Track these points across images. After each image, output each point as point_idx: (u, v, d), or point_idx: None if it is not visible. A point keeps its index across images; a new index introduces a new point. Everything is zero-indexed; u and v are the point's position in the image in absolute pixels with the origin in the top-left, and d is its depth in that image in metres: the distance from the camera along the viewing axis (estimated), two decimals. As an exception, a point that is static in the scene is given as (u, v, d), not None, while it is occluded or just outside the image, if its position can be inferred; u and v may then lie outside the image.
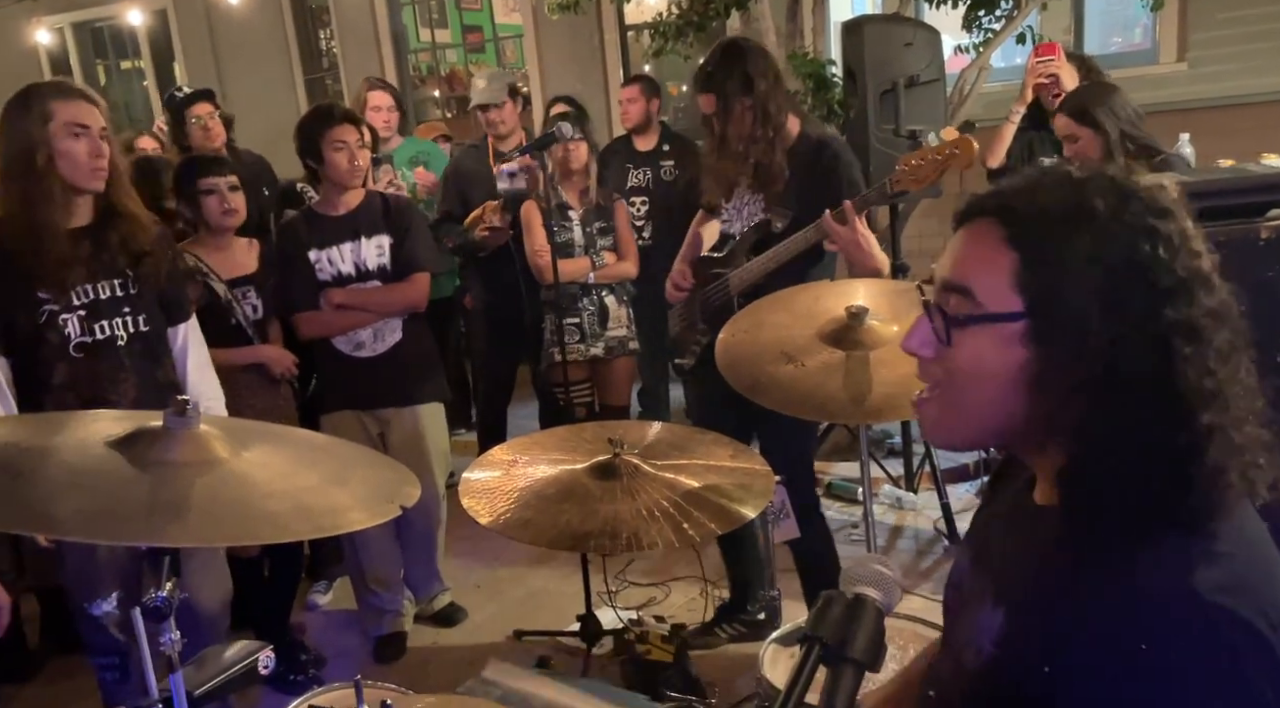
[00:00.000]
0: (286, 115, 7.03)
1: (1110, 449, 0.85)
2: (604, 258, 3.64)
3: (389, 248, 3.02)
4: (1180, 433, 0.84)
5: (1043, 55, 3.39)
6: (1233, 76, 5.04)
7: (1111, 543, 0.84)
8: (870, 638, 0.91)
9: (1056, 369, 0.86)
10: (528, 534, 1.92)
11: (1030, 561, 0.93)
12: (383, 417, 3.08)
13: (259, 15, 7.35)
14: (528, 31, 6.76)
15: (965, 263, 0.92)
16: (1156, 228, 0.85)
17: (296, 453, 1.49)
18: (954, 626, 1.04)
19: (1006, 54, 5.49)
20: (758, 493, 1.99)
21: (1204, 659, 0.78)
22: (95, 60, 8.52)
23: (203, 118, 3.85)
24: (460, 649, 3.16)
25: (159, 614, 1.29)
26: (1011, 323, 0.87)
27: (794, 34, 4.59)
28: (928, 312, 0.95)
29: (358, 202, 3.03)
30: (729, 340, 2.25)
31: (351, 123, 2.96)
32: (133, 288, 2.29)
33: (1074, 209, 0.87)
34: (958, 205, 0.97)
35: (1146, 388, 0.84)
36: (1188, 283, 0.85)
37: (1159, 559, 0.82)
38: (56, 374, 2.22)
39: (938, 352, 0.93)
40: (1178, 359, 0.83)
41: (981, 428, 0.93)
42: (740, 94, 2.51)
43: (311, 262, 2.98)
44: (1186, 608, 0.79)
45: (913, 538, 3.68)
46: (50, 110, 2.14)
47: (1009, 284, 0.88)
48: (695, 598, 3.27)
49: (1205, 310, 0.85)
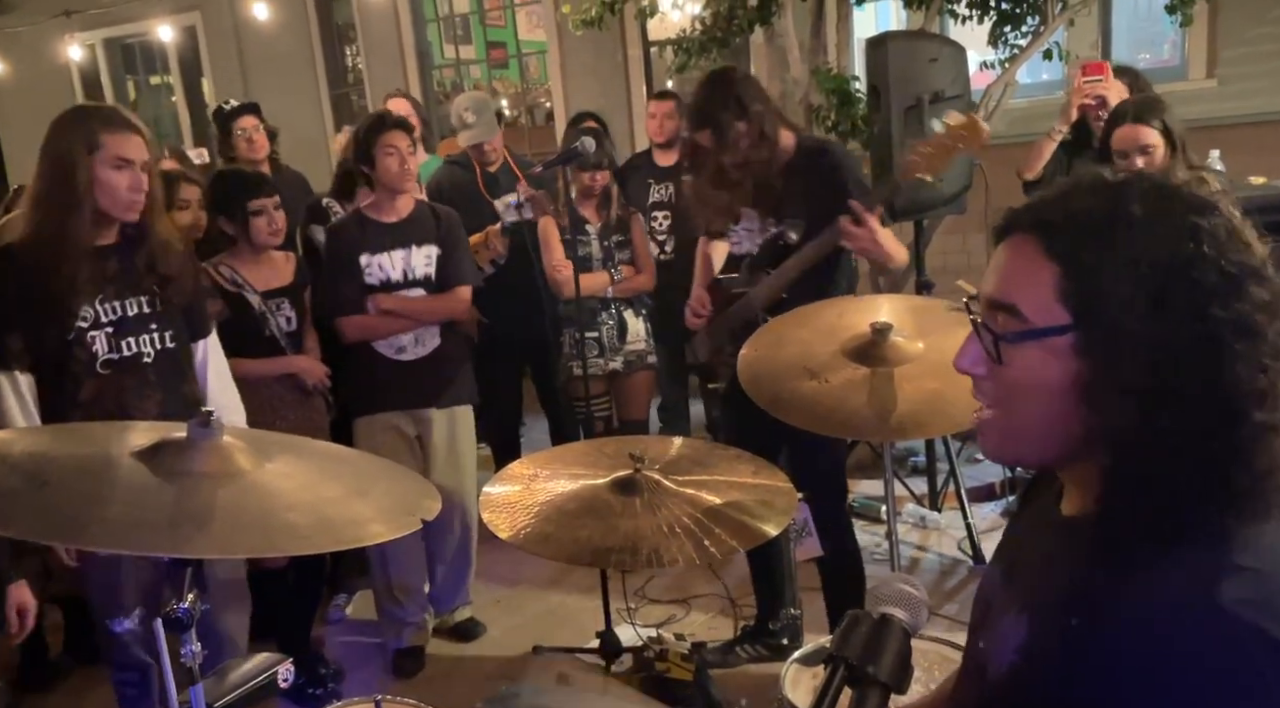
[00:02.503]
0: (312, 131, 7.16)
1: (1155, 455, 0.83)
2: (621, 272, 3.65)
3: (436, 258, 3.08)
4: (1230, 434, 0.82)
5: (1091, 75, 3.30)
6: (1263, 93, 4.99)
7: (1140, 552, 0.83)
8: (896, 659, 0.90)
9: (1108, 378, 0.84)
10: (548, 549, 1.90)
11: (1056, 571, 0.92)
12: (422, 417, 3.10)
13: (286, 32, 7.44)
14: (551, 47, 6.80)
15: (1008, 279, 0.91)
16: (1198, 225, 0.83)
17: (319, 465, 1.49)
18: (980, 638, 1.03)
19: (1033, 70, 5.47)
20: (780, 510, 1.97)
21: (1225, 674, 0.77)
22: (125, 76, 8.66)
23: (248, 130, 3.91)
24: (479, 664, 3.15)
25: (180, 625, 1.29)
26: (1060, 336, 0.86)
27: (818, 50, 4.59)
28: (976, 330, 0.93)
29: (409, 210, 3.09)
30: (751, 357, 2.24)
31: (403, 129, 3.04)
32: (159, 305, 2.32)
33: (1110, 214, 0.85)
34: (995, 221, 0.96)
35: (1197, 390, 0.82)
36: (1236, 278, 0.83)
37: (1185, 571, 0.81)
38: (84, 391, 2.23)
39: (990, 370, 0.93)
40: (1228, 357, 0.81)
41: (1043, 443, 0.92)
42: (735, 120, 2.55)
43: (361, 265, 3.01)
44: (1209, 621, 0.78)
45: (937, 558, 3.64)
46: (99, 140, 2.16)
47: (1053, 297, 0.87)
48: (716, 615, 3.24)
49: (1257, 304, 0.83)
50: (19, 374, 2.21)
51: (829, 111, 4.38)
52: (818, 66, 4.46)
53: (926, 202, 3.53)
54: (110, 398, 2.24)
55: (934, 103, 3.40)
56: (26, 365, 2.21)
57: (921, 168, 2.37)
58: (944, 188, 3.48)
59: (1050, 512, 0.99)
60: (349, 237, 3.06)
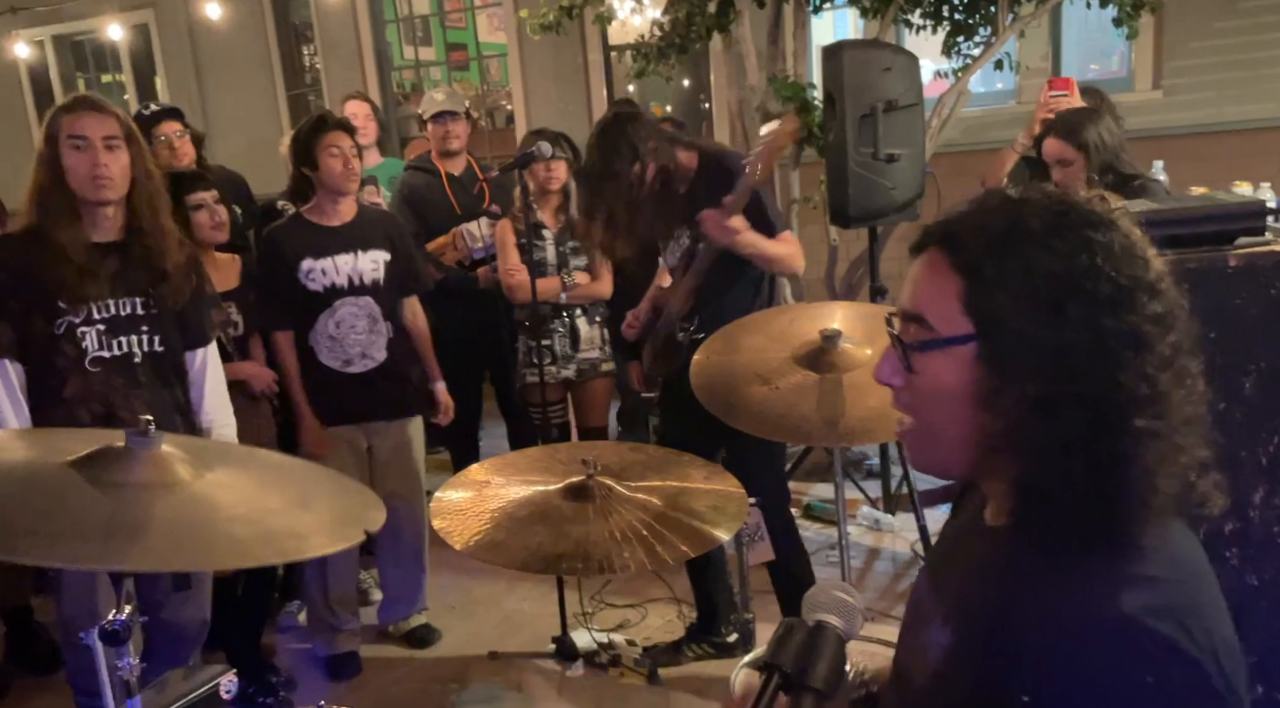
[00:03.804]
0: (268, 131, 7.06)
1: (1051, 463, 0.86)
2: (575, 278, 3.61)
3: (384, 264, 3.04)
4: (1116, 440, 0.85)
5: (1056, 89, 3.36)
6: (1206, 105, 5.12)
7: (1048, 562, 0.86)
8: (830, 666, 0.91)
9: (1005, 384, 0.88)
10: (499, 557, 1.90)
11: (977, 580, 0.95)
12: (372, 429, 3.08)
13: (242, 31, 7.34)
14: (512, 51, 6.78)
15: (919, 292, 0.95)
16: (1094, 239, 0.87)
17: (260, 475, 1.47)
18: (907, 643, 1.05)
19: (986, 80, 5.56)
20: (731, 515, 1.98)
21: (1131, 679, 0.80)
22: (76, 74, 8.48)
23: (169, 137, 3.83)
24: (433, 670, 3.13)
25: (117, 638, 1.27)
26: (963, 345, 0.90)
27: (775, 57, 4.62)
28: (893, 342, 0.97)
29: (353, 214, 3.05)
30: (704, 363, 2.26)
31: (345, 130, 3.01)
32: (153, 307, 2.31)
33: (1010, 228, 0.89)
34: (911, 238, 0.98)
35: (1086, 395, 0.85)
36: (1129, 290, 0.86)
37: (1089, 580, 0.84)
38: (69, 386, 2.23)
39: (905, 380, 0.96)
40: (1116, 366, 0.85)
41: (956, 452, 0.94)
42: (630, 165, 2.63)
43: (303, 272, 2.96)
44: (1113, 629, 0.81)
45: (890, 560, 3.68)
46: (59, 124, 2.20)
47: (958, 308, 0.90)
48: (672, 619, 3.25)
49: (1148, 317, 0.86)
50: (9, 364, 2.21)
51: (786, 118, 4.41)
52: (775, 74, 4.49)
53: (880, 208, 3.57)
54: (97, 396, 2.24)
55: (888, 111, 3.44)
56: (16, 355, 2.22)
57: (759, 174, 2.52)
58: (896, 195, 3.53)
59: (977, 520, 1.01)
60: (289, 241, 3.00)
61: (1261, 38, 5.04)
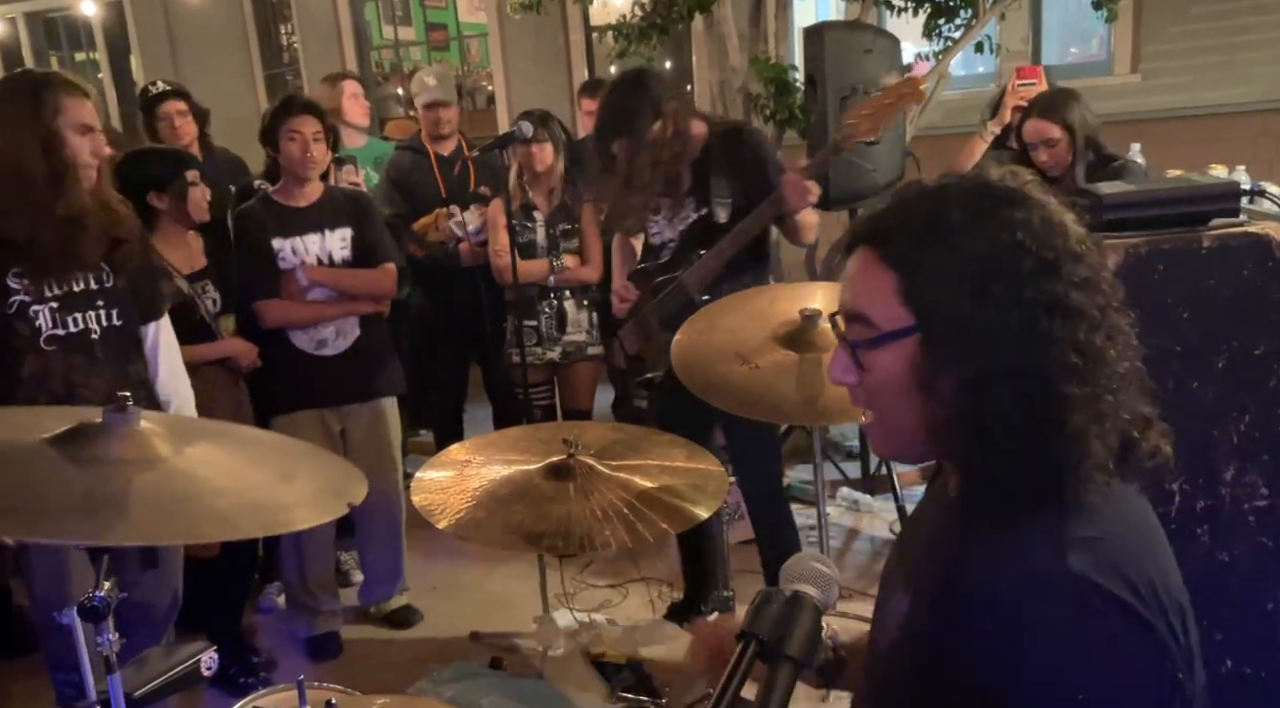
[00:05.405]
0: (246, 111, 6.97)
1: (984, 437, 0.89)
2: (564, 261, 3.59)
3: (351, 240, 3.03)
4: (1048, 407, 0.87)
5: (1025, 78, 3.39)
6: (1184, 89, 5.16)
7: (993, 525, 0.89)
8: (807, 635, 0.93)
9: (943, 368, 0.90)
10: (480, 535, 1.91)
11: (934, 549, 0.98)
12: (344, 412, 3.07)
13: (218, 8, 7.24)
14: (492, 30, 6.73)
15: (857, 291, 0.97)
16: (1013, 217, 0.90)
17: (241, 450, 1.47)
18: (878, 617, 1.08)
19: (966, 63, 5.58)
20: (711, 494, 1.99)
21: (1078, 637, 0.82)
22: (49, 52, 8.35)
23: (172, 116, 3.80)
24: (414, 650, 3.14)
25: (96, 614, 1.27)
26: (906, 337, 0.92)
27: (757, 38, 4.61)
28: (841, 342, 0.99)
29: (318, 194, 3.03)
30: (685, 342, 2.27)
31: (312, 114, 2.95)
32: (107, 280, 2.28)
33: (932, 218, 0.92)
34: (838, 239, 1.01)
35: (1017, 369, 0.88)
36: (1051, 261, 0.89)
37: (1035, 542, 0.87)
38: (26, 366, 2.19)
39: (858, 377, 0.98)
40: (1043, 336, 0.87)
41: (915, 438, 0.97)
42: (652, 122, 2.60)
43: (274, 250, 2.95)
44: (1059, 588, 0.84)
45: (869, 541, 3.71)
46: (61, 104, 2.15)
47: (897, 302, 0.93)
48: (655, 599, 3.27)
49: (1072, 283, 0.89)
50: None
51: (767, 100, 4.41)
52: (756, 55, 4.48)
53: (861, 190, 3.58)
54: (55, 375, 2.20)
55: (868, 93, 3.44)
56: None
57: (862, 131, 2.45)
58: (877, 177, 3.54)
59: (942, 495, 1.04)
60: (257, 221, 2.99)
61: (1237, 22, 5.08)
